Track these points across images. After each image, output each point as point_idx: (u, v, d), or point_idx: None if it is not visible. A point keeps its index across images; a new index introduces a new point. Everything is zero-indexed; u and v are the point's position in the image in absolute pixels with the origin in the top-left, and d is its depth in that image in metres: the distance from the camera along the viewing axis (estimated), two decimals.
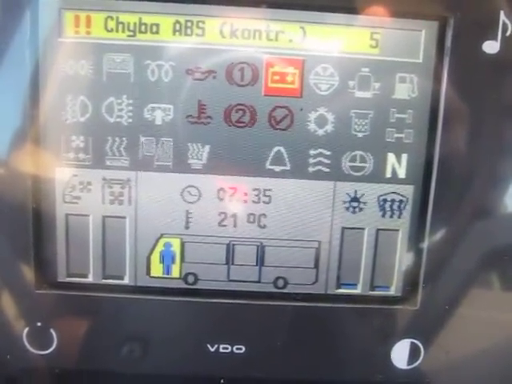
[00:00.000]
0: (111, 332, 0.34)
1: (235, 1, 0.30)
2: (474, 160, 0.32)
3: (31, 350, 0.34)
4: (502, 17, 0.30)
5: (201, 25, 0.31)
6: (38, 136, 0.31)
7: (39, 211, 0.32)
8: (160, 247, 0.33)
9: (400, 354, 0.34)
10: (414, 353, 0.34)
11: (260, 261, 0.34)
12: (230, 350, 0.34)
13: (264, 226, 0.33)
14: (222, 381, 0.34)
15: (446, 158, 0.32)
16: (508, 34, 0.30)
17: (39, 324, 0.33)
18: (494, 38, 0.30)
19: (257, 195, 0.33)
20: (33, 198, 0.32)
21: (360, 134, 0.32)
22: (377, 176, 0.33)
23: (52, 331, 0.33)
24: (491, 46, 0.31)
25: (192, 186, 0.32)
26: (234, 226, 0.33)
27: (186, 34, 0.31)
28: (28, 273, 0.33)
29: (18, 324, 0.33)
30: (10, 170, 0.31)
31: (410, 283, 0.34)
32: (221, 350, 0.34)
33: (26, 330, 0.33)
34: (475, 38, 0.31)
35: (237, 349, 0.34)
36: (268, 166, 0.32)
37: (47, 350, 0.34)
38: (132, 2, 0.30)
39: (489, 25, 0.30)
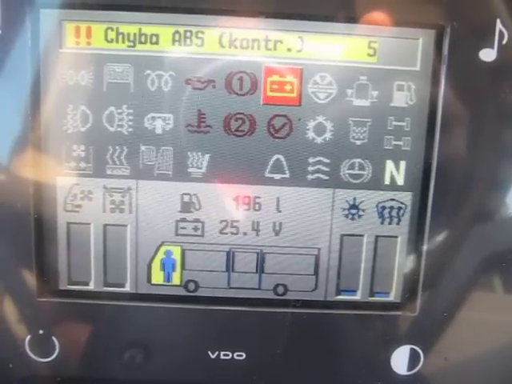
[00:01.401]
0: (113, 339, 0.34)
1: (234, 11, 0.31)
2: (471, 166, 0.32)
3: (33, 357, 0.34)
4: (499, 25, 0.31)
5: (200, 35, 0.31)
6: (39, 145, 0.32)
7: (41, 220, 0.33)
8: (161, 255, 0.34)
9: (400, 360, 0.34)
10: (413, 359, 0.34)
11: (260, 268, 0.34)
12: (230, 356, 0.34)
13: (264, 234, 0.33)
14: None
15: (444, 165, 0.32)
16: (504, 42, 0.31)
17: (41, 332, 0.34)
18: (491, 45, 0.31)
19: (256, 203, 0.33)
20: (34, 206, 0.32)
21: (358, 142, 0.32)
22: (375, 183, 0.33)
23: (54, 339, 0.34)
24: (488, 54, 0.31)
25: (192, 195, 0.33)
26: (234, 233, 0.33)
27: (186, 44, 0.31)
28: (30, 281, 0.33)
29: (20, 332, 0.33)
30: (11, 178, 0.32)
31: (409, 289, 0.34)
32: (221, 357, 0.34)
33: (28, 337, 0.34)
34: (472, 46, 0.31)
35: (237, 355, 0.34)
36: (267, 174, 0.33)
37: (49, 357, 0.34)
38: (132, 13, 0.31)
39: (485, 33, 0.31)
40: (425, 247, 0.33)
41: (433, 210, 0.33)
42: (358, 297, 0.34)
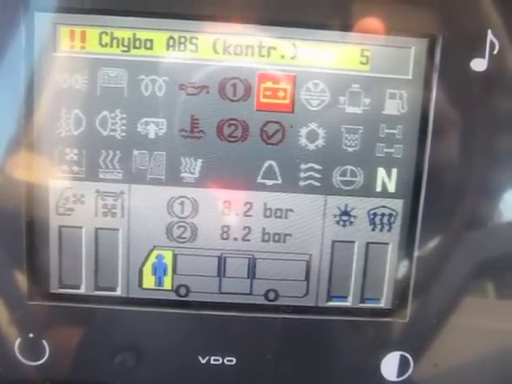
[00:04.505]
0: (103, 343, 0.34)
1: (228, 18, 0.31)
2: (462, 174, 0.33)
3: (23, 361, 0.34)
4: (490, 35, 0.31)
5: (194, 41, 0.31)
6: (32, 148, 0.32)
7: (32, 223, 0.33)
8: (152, 259, 0.34)
9: (390, 367, 0.35)
10: (403, 365, 0.35)
11: (251, 273, 0.34)
12: (221, 361, 0.34)
13: (255, 239, 0.33)
14: None
15: (435, 173, 0.32)
16: (495, 52, 0.31)
17: (31, 335, 0.33)
18: (482, 55, 0.31)
19: (248, 209, 0.33)
20: (26, 209, 0.32)
21: (350, 149, 0.33)
22: (367, 190, 0.33)
23: (44, 342, 0.34)
24: (479, 64, 0.31)
25: (184, 199, 0.33)
26: (226, 238, 0.33)
27: (180, 50, 0.31)
28: (20, 284, 0.33)
29: (10, 335, 0.33)
30: (3, 181, 0.32)
31: (400, 296, 0.34)
32: (212, 362, 0.34)
33: (18, 341, 0.33)
34: (463, 55, 0.31)
35: (228, 361, 0.34)
36: (259, 179, 0.33)
37: (39, 361, 0.34)
38: (126, 18, 0.31)
39: (477, 43, 0.31)
40: (415, 254, 0.33)
41: (423, 217, 0.33)
42: (348, 303, 0.35)
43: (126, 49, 0.31)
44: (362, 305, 0.35)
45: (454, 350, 0.35)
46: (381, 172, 0.33)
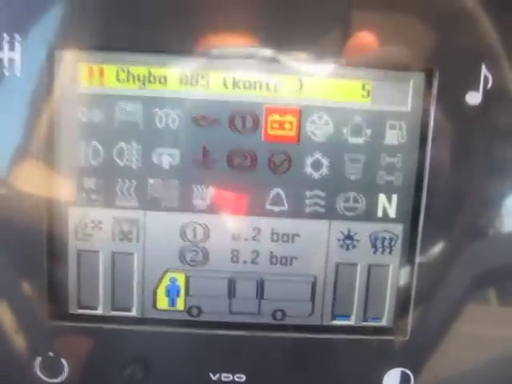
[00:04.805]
0: (119, 361, 0.36)
1: (237, 55, 0.33)
2: (459, 200, 0.34)
3: (43, 378, 0.35)
4: (484, 70, 0.33)
5: (205, 76, 0.33)
6: (52, 178, 0.34)
7: (53, 247, 0.34)
8: (166, 281, 0.35)
9: (391, 383, 0.36)
10: (404, 381, 0.36)
11: (260, 294, 0.36)
12: (231, 378, 0.36)
13: (263, 262, 0.35)
14: None
15: (433, 199, 0.34)
16: (489, 86, 0.33)
17: (51, 354, 0.35)
18: (476, 89, 0.33)
19: (257, 233, 0.35)
20: (47, 234, 0.34)
21: (353, 177, 0.34)
22: (369, 215, 0.35)
23: (63, 361, 0.35)
24: (474, 97, 0.33)
25: (196, 225, 0.35)
26: (236, 262, 0.35)
27: (192, 85, 0.33)
28: (41, 304, 0.34)
29: (31, 354, 0.35)
30: (26, 208, 0.33)
31: (400, 315, 0.36)
32: (223, 379, 0.36)
33: (39, 359, 0.35)
34: (459, 89, 0.33)
35: (238, 377, 0.36)
36: (267, 206, 0.34)
37: (58, 378, 0.35)
38: (142, 56, 0.33)
39: (471, 77, 0.33)
40: (415, 275, 0.35)
41: (422, 240, 0.34)
42: (351, 322, 0.36)
43: (141, 84, 0.33)
44: (364, 323, 0.36)
45: (452, 366, 0.36)
46: (382, 198, 0.35)
